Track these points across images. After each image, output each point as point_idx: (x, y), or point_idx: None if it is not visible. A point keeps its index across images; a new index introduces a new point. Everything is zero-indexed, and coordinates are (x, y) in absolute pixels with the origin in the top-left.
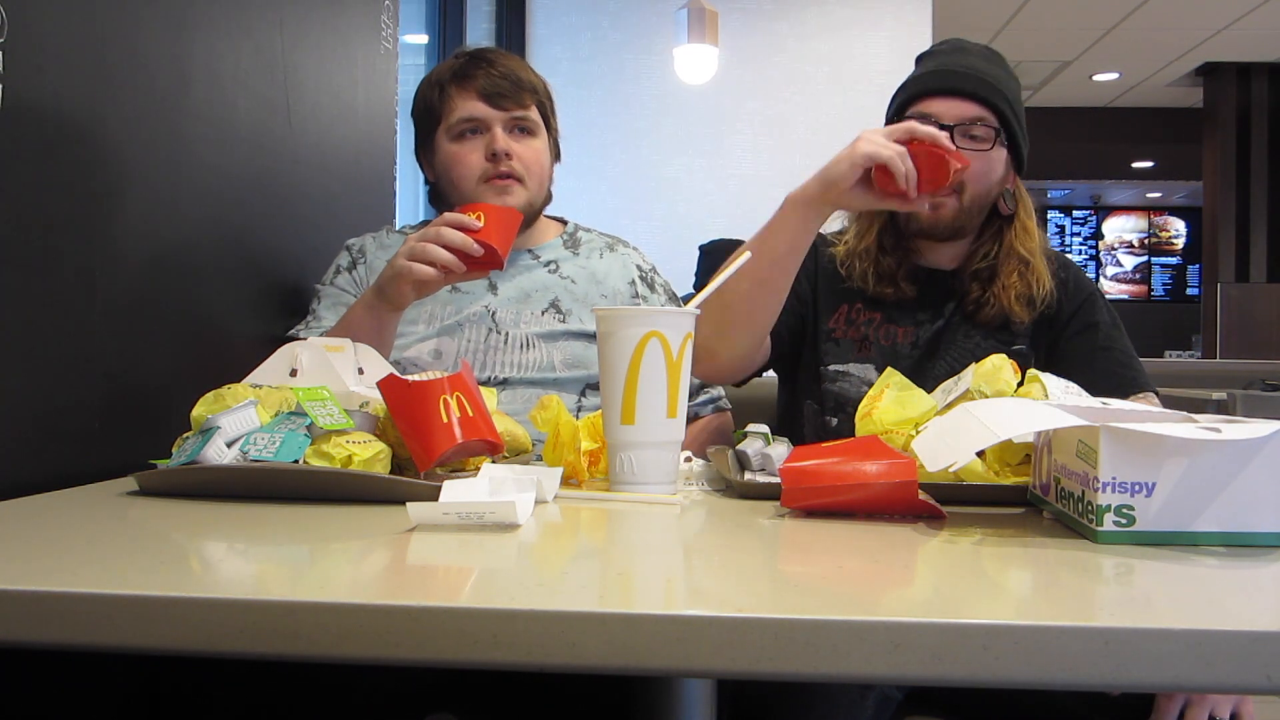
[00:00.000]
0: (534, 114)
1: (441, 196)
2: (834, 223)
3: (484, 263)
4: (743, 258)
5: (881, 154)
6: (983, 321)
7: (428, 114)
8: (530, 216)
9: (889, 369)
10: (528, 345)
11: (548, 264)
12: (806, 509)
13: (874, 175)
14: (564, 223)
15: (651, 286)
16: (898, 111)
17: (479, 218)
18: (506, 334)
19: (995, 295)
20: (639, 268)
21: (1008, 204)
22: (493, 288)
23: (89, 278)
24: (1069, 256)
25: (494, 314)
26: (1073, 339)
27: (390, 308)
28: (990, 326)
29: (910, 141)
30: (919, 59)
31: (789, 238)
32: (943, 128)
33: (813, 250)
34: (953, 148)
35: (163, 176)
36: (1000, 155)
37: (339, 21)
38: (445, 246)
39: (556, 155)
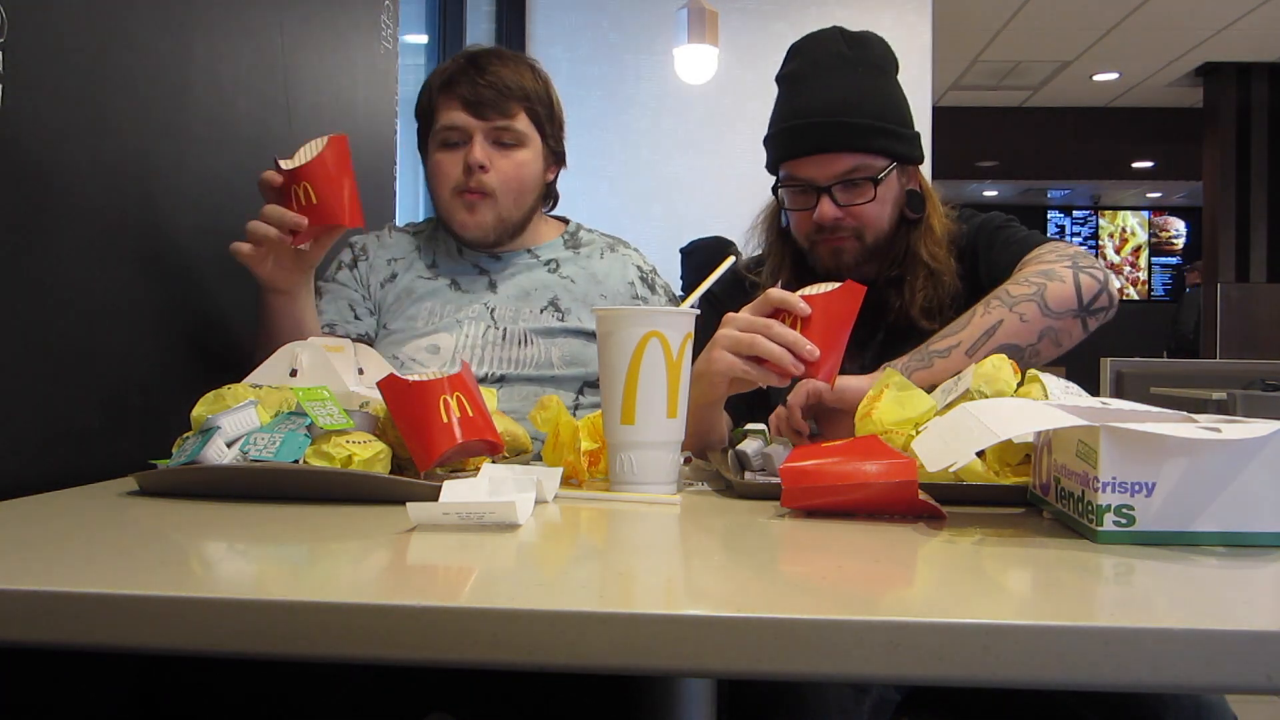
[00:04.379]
0: (519, 124)
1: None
2: (755, 249)
3: (323, 215)
4: (728, 263)
5: (735, 372)
6: (897, 326)
7: (421, 118)
8: (509, 228)
9: (889, 370)
10: (526, 341)
11: (547, 263)
12: (806, 509)
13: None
14: (566, 222)
15: (652, 288)
16: (773, 168)
17: (304, 191)
18: (505, 330)
19: (904, 305)
20: (639, 268)
21: (914, 210)
22: (492, 286)
23: (89, 278)
24: (968, 210)
25: (492, 311)
26: (989, 271)
27: (269, 289)
28: (906, 331)
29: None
30: (777, 80)
31: (695, 423)
32: (819, 190)
33: (741, 290)
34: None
35: (163, 176)
36: (889, 188)
37: (339, 21)
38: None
39: (559, 161)
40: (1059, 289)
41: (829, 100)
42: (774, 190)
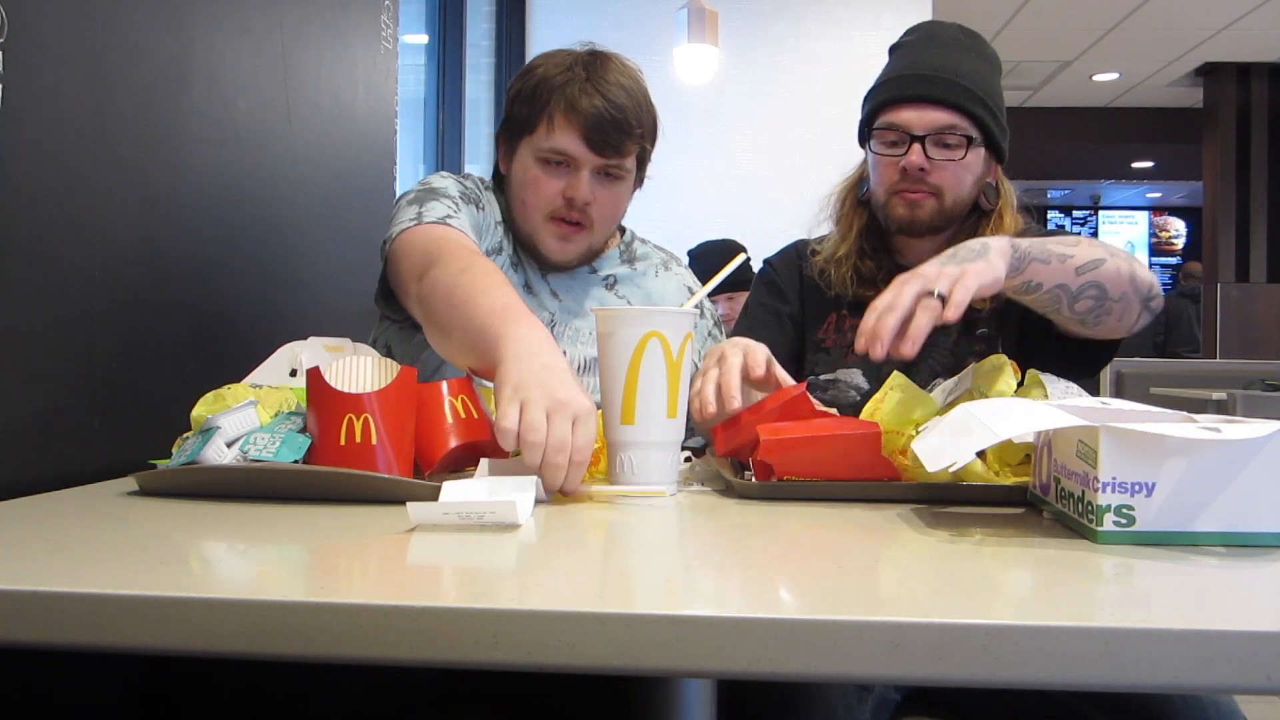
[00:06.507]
0: (628, 161)
1: (506, 195)
2: (820, 227)
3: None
4: (736, 261)
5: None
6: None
7: (523, 123)
8: (589, 256)
9: (895, 373)
10: (585, 368)
11: (605, 278)
12: (779, 462)
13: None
14: (621, 231)
15: (701, 312)
16: (868, 119)
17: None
18: (565, 352)
19: None
20: (690, 290)
21: (989, 199)
22: (554, 294)
23: (89, 278)
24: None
25: (553, 326)
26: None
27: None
28: (975, 327)
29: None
30: (891, 50)
31: None
32: (913, 138)
33: (797, 265)
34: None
35: (163, 176)
36: (976, 157)
37: (339, 21)
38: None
39: (640, 183)
40: (1139, 267)
41: (942, 62)
42: (862, 141)
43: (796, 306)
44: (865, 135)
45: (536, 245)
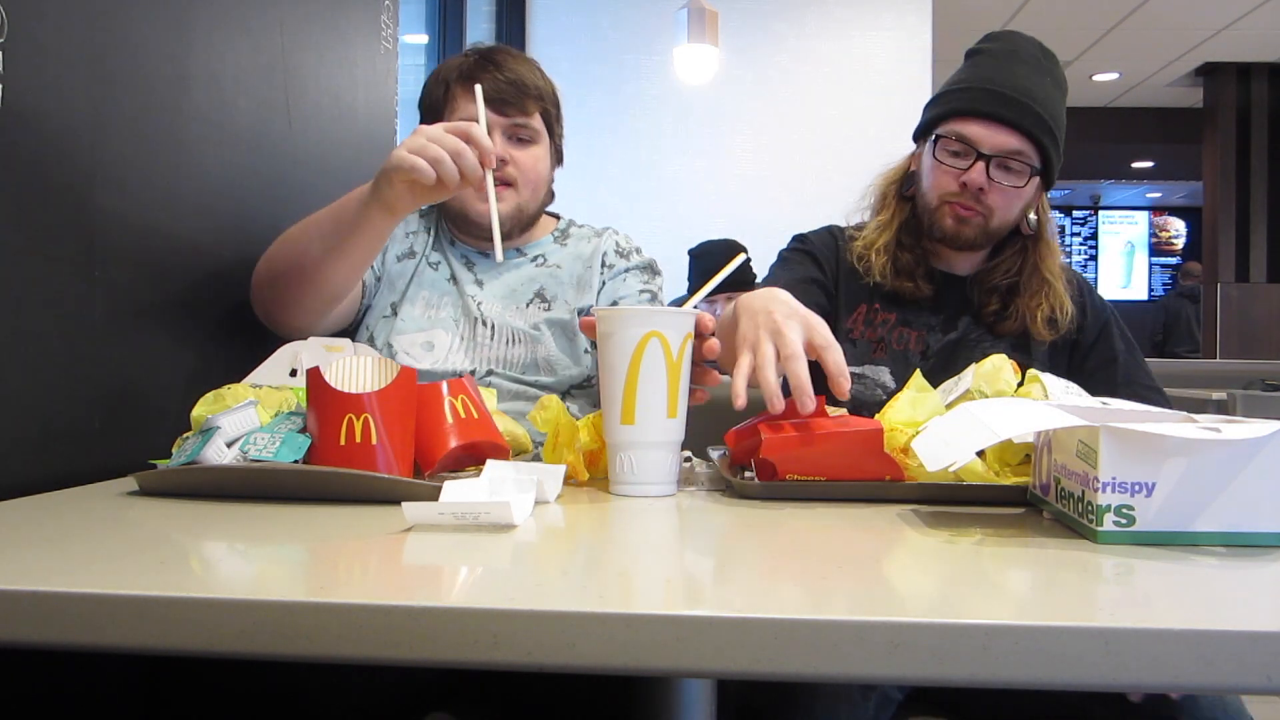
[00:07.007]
0: (535, 121)
1: None
2: (857, 214)
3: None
4: (737, 261)
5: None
6: (1002, 333)
7: (431, 110)
8: (523, 221)
9: (916, 372)
10: (513, 340)
11: (535, 258)
12: (781, 460)
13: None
14: (557, 218)
15: (625, 256)
16: (931, 124)
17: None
18: (493, 326)
19: (1018, 310)
20: (616, 243)
21: (1029, 225)
22: (478, 283)
23: (89, 278)
24: (1080, 274)
25: (480, 305)
26: (1094, 373)
27: (381, 206)
28: (1009, 341)
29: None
30: (968, 54)
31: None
32: (979, 156)
33: (834, 247)
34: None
35: (163, 177)
36: (1032, 187)
37: (339, 21)
38: (453, 156)
39: (559, 160)
40: None
41: (1023, 84)
42: (918, 137)
43: (831, 284)
44: (926, 134)
45: (468, 215)
